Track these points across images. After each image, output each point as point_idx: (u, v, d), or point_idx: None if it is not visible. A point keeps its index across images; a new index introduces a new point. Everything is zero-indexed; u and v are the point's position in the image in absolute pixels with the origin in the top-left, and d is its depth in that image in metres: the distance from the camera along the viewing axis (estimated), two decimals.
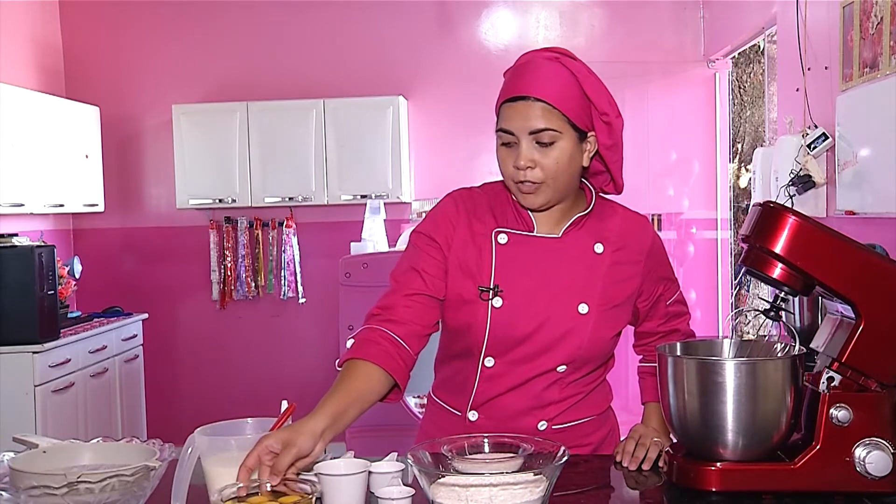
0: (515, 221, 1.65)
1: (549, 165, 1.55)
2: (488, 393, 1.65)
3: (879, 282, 1.38)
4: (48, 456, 1.39)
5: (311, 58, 5.42)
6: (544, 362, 1.61)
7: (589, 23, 5.38)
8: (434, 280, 1.62)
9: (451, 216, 1.67)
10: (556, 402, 1.64)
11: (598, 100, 1.58)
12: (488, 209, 1.67)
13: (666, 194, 5.30)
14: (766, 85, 4.60)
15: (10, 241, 4.09)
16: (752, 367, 1.38)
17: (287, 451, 1.30)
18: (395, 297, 1.61)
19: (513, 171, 1.57)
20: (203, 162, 5.17)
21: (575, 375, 1.65)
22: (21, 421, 3.88)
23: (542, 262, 1.62)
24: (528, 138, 1.54)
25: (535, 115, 1.53)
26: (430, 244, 1.65)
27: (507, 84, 1.59)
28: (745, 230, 1.46)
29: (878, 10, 2.90)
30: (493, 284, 1.60)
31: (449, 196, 1.73)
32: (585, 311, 1.61)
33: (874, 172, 2.95)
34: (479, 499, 1.23)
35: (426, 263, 1.63)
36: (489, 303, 1.60)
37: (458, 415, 1.70)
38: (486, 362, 1.63)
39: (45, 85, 5.17)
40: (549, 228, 1.65)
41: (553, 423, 1.65)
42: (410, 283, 1.62)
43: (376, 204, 4.96)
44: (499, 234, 1.64)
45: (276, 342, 5.52)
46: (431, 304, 1.62)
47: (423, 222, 1.71)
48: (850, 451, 1.37)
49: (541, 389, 1.63)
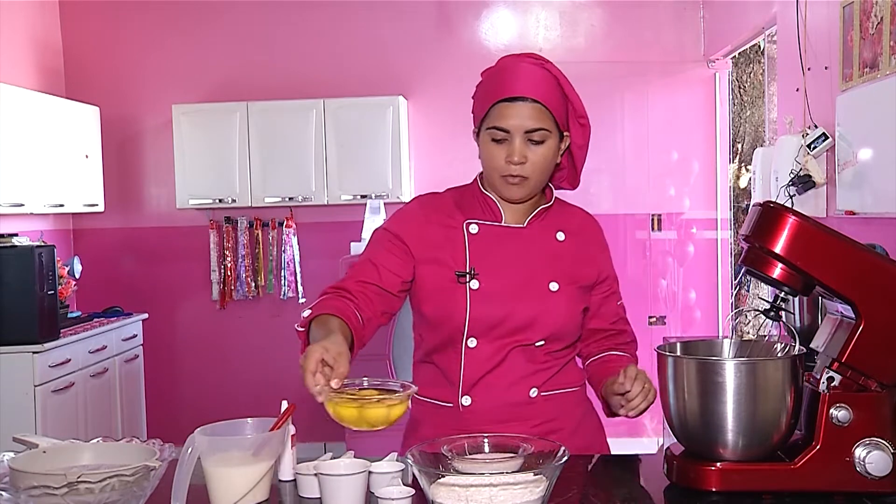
0: (483, 213, 1.76)
1: (537, 161, 1.68)
2: (476, 374, 1.71)
3: (879, 282, 1.38)
4: (48, 456, 1.39)
5: (311, 58, 5.42)
6: (525, 338, 1.70)
7: (589, 23, 5.38)
8: (389, 274, 1.72)
9: (417, 215, 1.79)
10: (541, 369, 1.72)
11: (577, 103, 1.72)
12: (455, 207, 1.78)
13: (666, 194, 5.29)
14: (766, 85, 4.60)
15: (10, 241, 4.09)
16: (752, 367, 1.38)
17: (341, 360, 1.40)
18: (348, 282, 1.70)
19: (503, 165, 1.68)
20: (203, 162, 5.16)
21: (552, 348, 1.73)
22: (21, 421, 3.87)
23: (512, 248, 1.74)
24: (523, 136, 1.66)
25: (530, 115, 1.65)
26: (392, 240, 1.75)
27: (497, 84, 1.69)
28: (745, 230, 1.46)
29: (878, 10, 2.90)
30: (469, 268, 1.70)
31: (414, 199, 1.85)
32: (556, 289, 1.71)
33: (874, 172, 2.95)
34: (479, 499, 1.23)
35: (383, 257, 1.73)
36: (467, 286, 1.69)
37: (449, 406, 1.73)
38: (469, 343, 1.70)
39: (45, 85, 5.17)
40: (515, 219, 1.77)
41: (542, 389, 1.72)
42: (364, 273, 1.72)
43: (376, 204, 4.96)
44: (469, 224, 1.75)
45: (276, 342, 5.51)
46: (383, 295, 1.71)
47: (388, 220, 1.83)
48: (850, 451, 1.37)
49: (524, 360, 1.71)
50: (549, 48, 5.25)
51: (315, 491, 1.43)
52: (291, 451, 1.55)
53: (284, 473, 1.54)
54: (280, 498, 1.48)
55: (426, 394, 1.77)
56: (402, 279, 1.73)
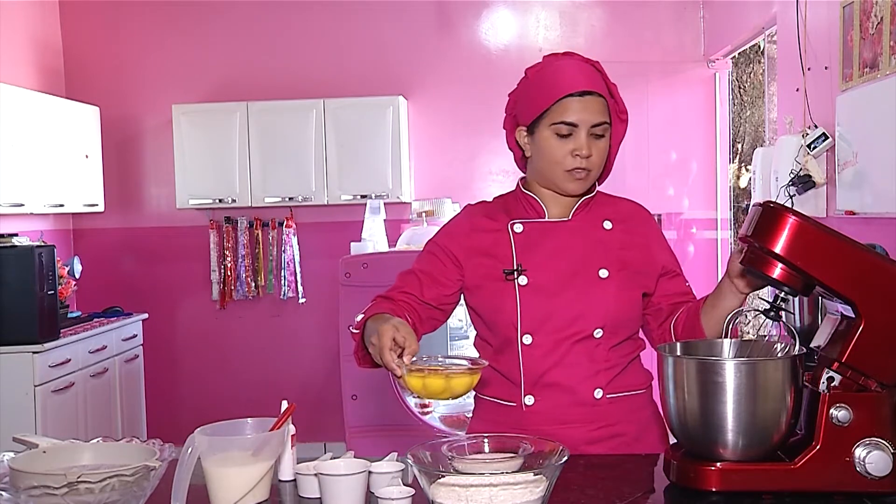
0: (527, 212, 1.80)
1: (600, 154, 1.73)
2: (535, 372, 1.71)
3: (879, 282, 1.38)
4: (48, 456, 1.39)
5: (311, 58, 5.42)
6: (580, 329, 1.70)
7: (589, 23, 5.38)
8: (432, 287, 1.76)
9: (463, 226, 1.82)
10: (603, 368, 1.71)
11: (619, 98, 1.77)
12: (500, 211, 1.82)
13: (666, 194, 5.29)
14: (766, 85, 4.60)
15: (10, 241, 4.09)
16: (752, 367, 1.38)
17: (411, 337, 1.49)
18: (393, 292, 1.78)
19: (568, 159, 1.70)
20: (203, 162, 5.16)
21: (613, 340, 1.72)
22: (21, 421, 3.87)
23: (558, 240, 1.76)
24: (589, 130, 1.69)
25: (596, 109, 1.70)
26: (439, 253, 1.80)
27: (559, 80, 1.70)
28: (745, 230, 1.46)
29: (878, 10, 2.90)
30: (517, 265, 1.73)
31: (463, 209, 1.90)
32: (606, 276, 1.72)
33: (874, 172, 2.95)
34: (479, 499, 1.23)
35: (428, 271, 1.78)
36: (515, 282, 1.72)
37: (512, 406, 1.74)
38: (525, 340, 1.71)
39: (45, 85, 5.17)
40: (559, 213, 1.79)
41: (608, 390, 1.72)
42: (408, 284, 1.78)
43: (376, 204, 4.96)
44: (514, 224, 1.78)
45: (276, 342, 5.51)
46: (424, 307, 1.77)
47: (437, 233, 1.86)
48: (850, 451, 1.37)
49: (585, 357, 1.71)
50: (549, 48, 5.24)
51: (315, 491, 1.43)
52: (291, 451, 1.55)
53: (284, 473, 1.54)
54: (280, 498, 1.48)
55: (489, 393, 1.79)
56: (443, 293, 1.77)
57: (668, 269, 1.81)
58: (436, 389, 1.46)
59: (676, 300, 1.79)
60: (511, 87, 1.83)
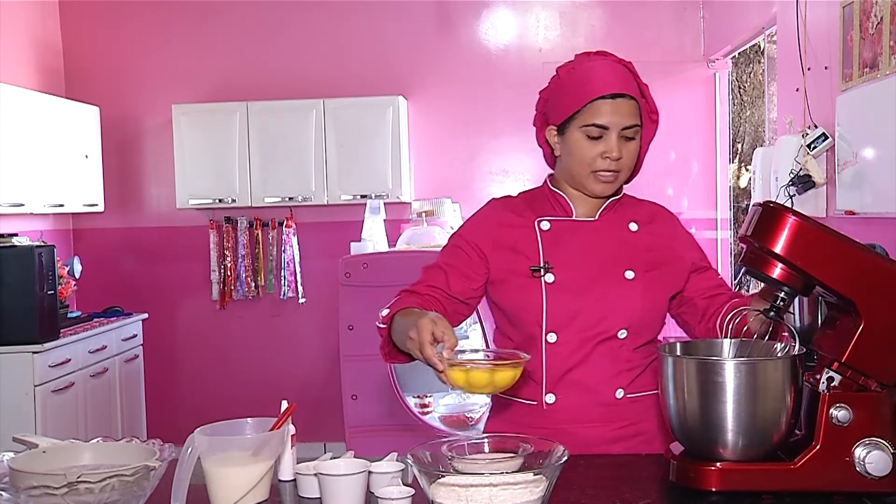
0: (554, 209, 1.79)
1: (630, 157, 1.72)
2: (558, 370, 1.71)
3: (879, 282, 1.38)
4: (48, 456, 1.39)
5: (311, 58, 5.42)
6: (605, 329, 1.70)
7: (589, 23, 5.38)
8: (458, 280, 1.74)
9: (489, 219, 1.81)
10: (626, 369, 1.71)
11: (650, 98, 1.78)
12: (526, 206, 1.81)
13: (665, 194, 5.29)
14: (766, 85, 4.60)
15: (10, 241, 4.09)
16: (752, 367, 1.38)
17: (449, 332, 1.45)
18: (419, 286, 1.75)
19: (598, 161, 1.70)
20: (203, 162, 5.16)
21: (636, 342, 1.72)
22: (21, 421, 3.87)
23: (585, 240, 1.75)
24: (619, 132, 1.69)
25: (628, 112, 1.69)
26: (464, 246, 1.78)
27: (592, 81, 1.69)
28: (745, 230, 1.46)
29: (878, 10, 2.90)
30: (544, 262, 1.72)
31: (488, 202, 1.87)
32: (632, 277, 1.71)
33: (874, 172, 2.95)
34: (479, 499, 1.23)
35: (453, 264, 1.76)
36: (542, 280, 1.70)
37: (533, 404, 1.73)
38: (549, 338, 1.70)
39: (45, 85, 5.17)
40: (586, 213, 1.79)
41: (629, 390, 1.71)
42: (434, 278, 1.76)
43: (376, 204, 4.96)
44: (541, 221, 1.77)
45: (276, 342, 5.51)
46: (450, 300, 1.74)
47: (462, 226, 1.85)
48: (850, 451, 1.37)
49: (609, 357, 1.70)
50: (549, 48, 5.25)
51: (315, 491, 1.43)
52: (291, 451, 1.55)
53: (284, 473, 1.54)
54: (280, 498, 1.48)
55: (510, 392, 1.75)
56: (470, 286, 1.75)
57: (698, 265, 1.81)
58: (480, 383, 1.44)
59: (711, 293, 1.79)
60: (511, 87, 1.84)
